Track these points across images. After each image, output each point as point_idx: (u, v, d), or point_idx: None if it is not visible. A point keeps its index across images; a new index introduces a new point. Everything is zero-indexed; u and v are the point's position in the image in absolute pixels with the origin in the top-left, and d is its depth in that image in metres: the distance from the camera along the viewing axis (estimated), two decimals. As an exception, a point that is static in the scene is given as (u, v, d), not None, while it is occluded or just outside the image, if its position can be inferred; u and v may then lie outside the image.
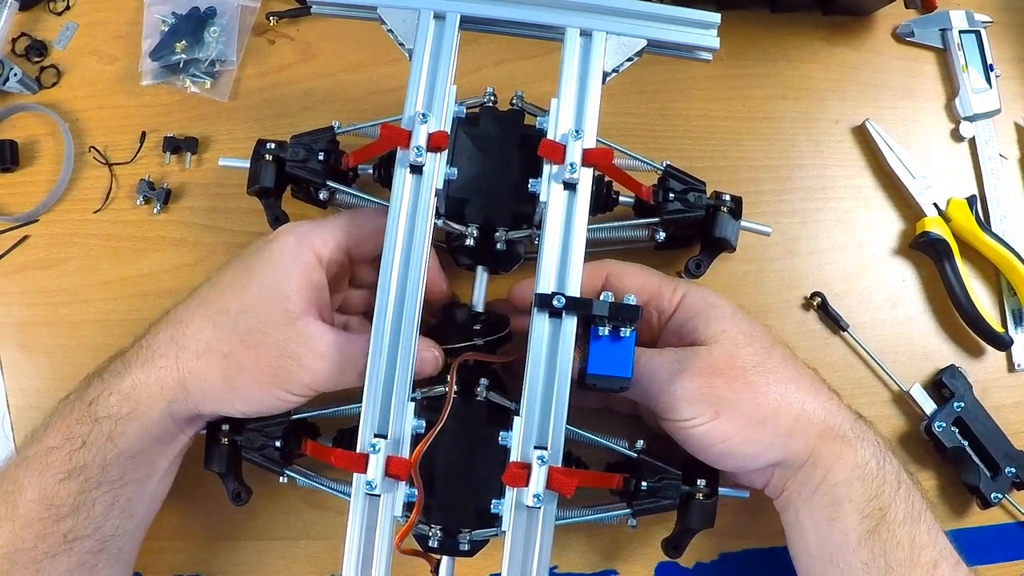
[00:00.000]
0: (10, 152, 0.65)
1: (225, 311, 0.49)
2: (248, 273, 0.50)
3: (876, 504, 0.49)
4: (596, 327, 0.48)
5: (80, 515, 0.48)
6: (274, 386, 0.48)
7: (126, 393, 0.49)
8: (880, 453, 0.51)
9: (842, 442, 0.50)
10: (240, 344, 0.48)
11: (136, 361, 0.50)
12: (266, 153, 0.57)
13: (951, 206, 0.66)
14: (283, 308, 0.48)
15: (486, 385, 0.52)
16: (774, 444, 0.50)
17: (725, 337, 0.51)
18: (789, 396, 0.50)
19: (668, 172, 0.57)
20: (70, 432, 0.49)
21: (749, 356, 0.51)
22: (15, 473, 0.49)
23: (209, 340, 0.49)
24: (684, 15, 0.52)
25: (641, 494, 0.52)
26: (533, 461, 0.45)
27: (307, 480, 0.55)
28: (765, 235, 0.60)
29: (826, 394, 0.52)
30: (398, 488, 0.46)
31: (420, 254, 0.48)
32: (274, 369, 0.48)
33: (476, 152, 0.53)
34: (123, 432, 0.49)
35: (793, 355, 0.53)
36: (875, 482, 0.50)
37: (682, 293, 0.53)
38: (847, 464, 0.50)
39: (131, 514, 0.51)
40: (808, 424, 0.50)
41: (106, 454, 0.49)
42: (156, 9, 0.67)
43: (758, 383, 0.50)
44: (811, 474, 0.51)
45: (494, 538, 0.50)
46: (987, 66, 0.69)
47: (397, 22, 0.51)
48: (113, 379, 0.50)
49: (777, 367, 0.51)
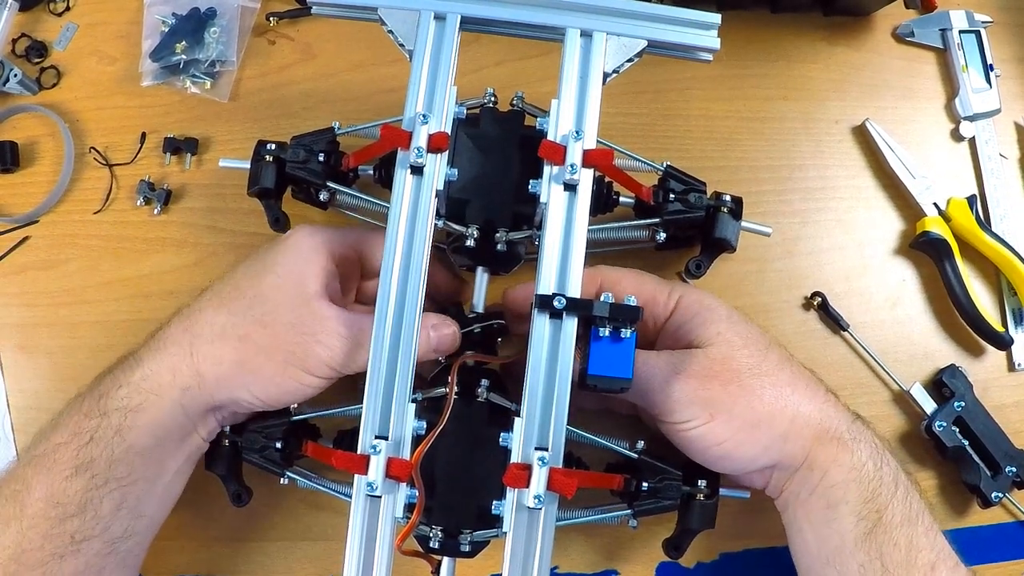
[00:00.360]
0: (10, 153, 0.65)
1: (240, 297, 0.50)
2: (262, 263, 0.51)
3: (873, 506, 0.49)
4: (597, 328, 0.48)
5: (87, 514, 0.48)
6: (291, 365, 0.48)
7: (136, 385, 0.49)
8: (877, 455, 0.51)
9: (838, 444, 0.50)
10: (256, 325, 0.48)
11: (147, 354, 0.50)
12: (266, 154, 0.57)
13: (951, 206, 0.66)
14: (298, 291, 0.49)
15: (487, 386, 0.52)
16: (769, 447, 0.50)
17: (721, 340, 0.51)
18: (784, 399, 0.50)
19: (668, 173, 0.57)
20: (78, 427, 0.49)
21: (745, 359, 0.51)
22: (23, 472, 0.49)
23: (224, 324, 0.49)
24: (684, 16, 0.52)
25: (642, 495, 0.52)
26: (534, 462, 0.45)
27: (308, 481, 0.55)
28: (765, 235, 0.60)
29: (823, 396, 0.52)
30: (399, 489, 0.46)
31: (420, 255, 0.48)
32: (291, 347, 0.48)
33: (477, 153, 0.53)
34: (132, 426, 0.49)
35: (790, 357, 0.53)
36: (871, 484, 0.50)
37: (677, 296, 0.53)
38: (843, 466, 0.50)
39: (139, 515, 0.50)
40: (804, 427, 0.50)
41: (114, 449, 0.48)
42: (156, 10, 0.67)
43: (753, 386, 0.50)
44: (807, 476, 0.51)
45: (495, 539, 0.50)
46: (987, 66, 0.69)
47: (397, 23, 0.51)
48: (124, 373, 0.50)
49: (773, 370, 0.51)
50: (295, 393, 0.50)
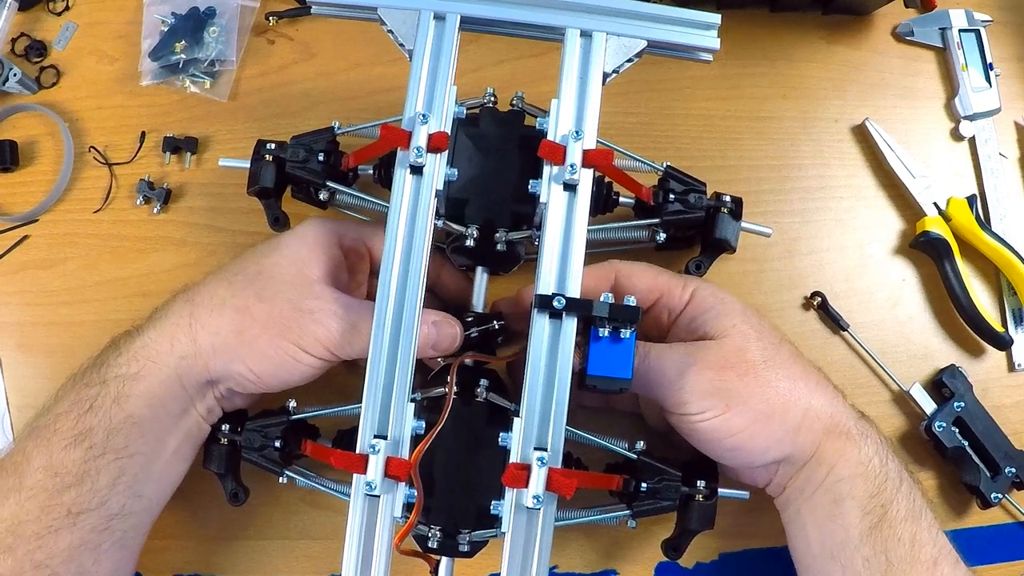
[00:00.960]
0: (10, 152, 0.65)
1: (242, 272, 0.51)
2: (269, 246, 0.53)
3: (878, 501, 0.49)
4: (596, 328, 0.48)
5: (84, 485, 0.48)
6: (287, 339, 0.49)
7: (135, 352, 0.50)
8: (883, 451, 0.51)
9: (846, 438, 0.51)
10: (255, 298, 0.49)
11: (149, 324, 0.51)
12: (266, 153, 0.57)
13: (951, 205, 0.66)
14: (300, 271, 0.50)
15: (486, 386, 0.52)
16: (782, 439, 0.50)
17: (736, 332, 0.51)
18: (797, 391, 0.51)
19: (668, 173, 0.57)
20: (78, 396, 0.49)
21: (759, 351, 0.51)
22: (24, 444, 0.49)
23: (224, 296, 0.50)
24: (684, 16, 0.52)
25: (641, 495, 0.52)
26: (533, 462, 0.45)
27: (306, 480, 0.55)
28: (765, 236, 0.60)
29: (831, 392, 0.52)
30: (398, 489, 0.46)
31: (420, 255, 0.48)
32: (287, 321, 0.49)
33: (476, 153, 0.53)
34: (129, 394, 0.49)
35: (799, 353, 0.54)
36: (877, 479, 0.50)
37: (692, 289, 0.53)
38: (851, 461, 0.50)
39: (138, 494, 0.50)
40: (815, 420, 0.50)
41: (112, 418, 0.48)
42: (156, 9, 0.67)
43: (768, 377, 0.50)
44: (815, 470, 0.51)
45: (494, 539, 0.50)
46: (987, 65, 0.69)
47: (397, 23, 0.51)
48: (125, 342, 0.51)
49: (786, 363, 0.51)
50: (290, 370, 0.50)
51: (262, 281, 0.50)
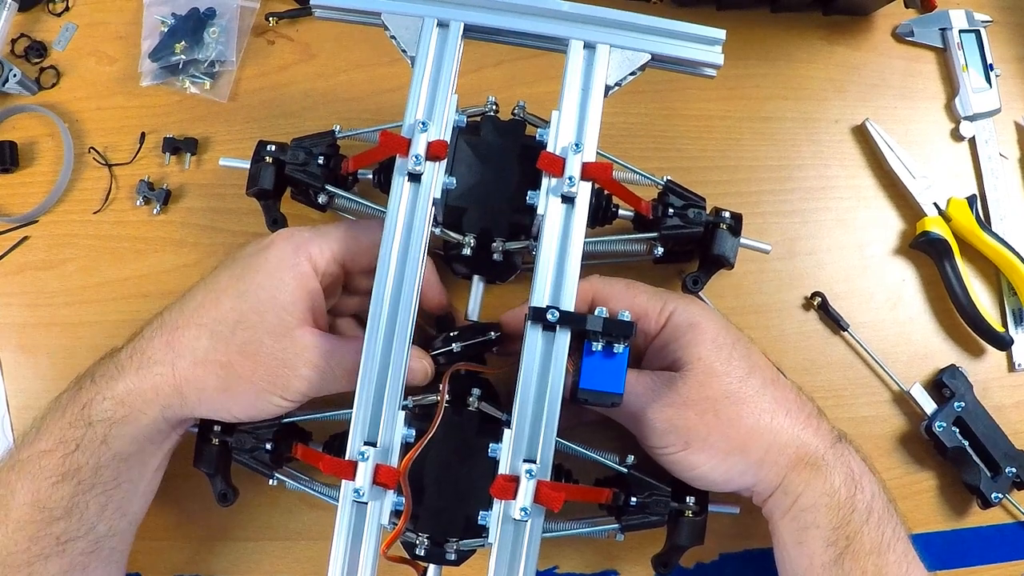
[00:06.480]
0: (10, 153, 0.65)
1: (222, 320, 0.50)
2: (244, 280, 0.50)
3: (843, 532, 0.50)
4: (589, 342, 0.47)
5: (73, 517, 0.48)
6: (271, 393, 0.49)
7: (120, 398, 0.50)
8: (852, 481, 0.51)
9: (813, 469, 0.50)
10: (238, 355, 0.49)
11: (130, 366, 0.50)
12: (266, 155, 0.57)
13: (951, 206, 0.65)
14: (280, 319, 0.49)
15: (478, 395, 0.52)
16: (745, 472, 0.51)
17: (700, 365, 0.51)
18: (762, 427, 0.50)
19: (668, 187, 0.57)
20: (63, 436, 0.49)
21: (723, 386, 0.50)
22: (7, 477, 0.49)
23: (207, 349, 0.49)
24: (689, 30, 0.51)
25: (630, 509, 0.52)
26: (522, 474, 0.45)
27: (297, 484, 0.55)
28: (764, 253, 0.60)
29: (804, 420, 0.52)
30: (386, 496, 0.46)
31: (416, 263, 0.48)
32: (271, 377, 0.49)
33: (476, 161, 0.53)
34: (117, 435, 0.49)
35: (774, 378, 0.53)
36: (842, 510, 0.50)
37: (669, 312, 0.52)
38: (816, 491, 0.50)
39: (124, 513, 0.51)
40: (779, 453, 0.50)
41: (100, 457, 0.49)
42: (156, 10, 0.67)
43: (729, 415, 0.50)
44: (781, 499, 0.51)
45: (481, 548, 0.50)
46: (987, 65, 0.69)
47: (400, 29, 0.51)
48: (107, 383, 0.50)
49: (752, 396, 0.51)
50: (272, 413, 0.51)
51: (243, 333, 0.49)
